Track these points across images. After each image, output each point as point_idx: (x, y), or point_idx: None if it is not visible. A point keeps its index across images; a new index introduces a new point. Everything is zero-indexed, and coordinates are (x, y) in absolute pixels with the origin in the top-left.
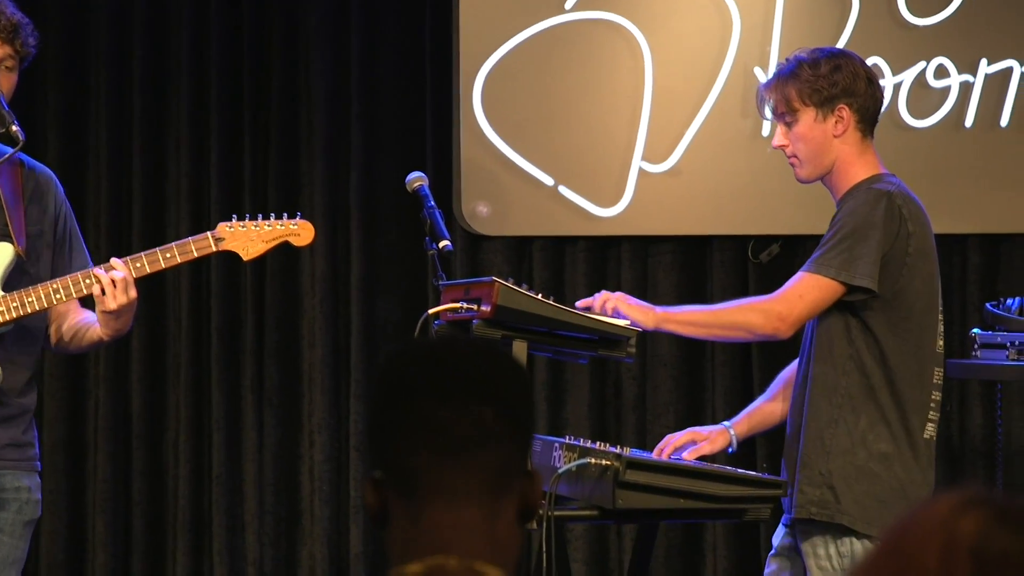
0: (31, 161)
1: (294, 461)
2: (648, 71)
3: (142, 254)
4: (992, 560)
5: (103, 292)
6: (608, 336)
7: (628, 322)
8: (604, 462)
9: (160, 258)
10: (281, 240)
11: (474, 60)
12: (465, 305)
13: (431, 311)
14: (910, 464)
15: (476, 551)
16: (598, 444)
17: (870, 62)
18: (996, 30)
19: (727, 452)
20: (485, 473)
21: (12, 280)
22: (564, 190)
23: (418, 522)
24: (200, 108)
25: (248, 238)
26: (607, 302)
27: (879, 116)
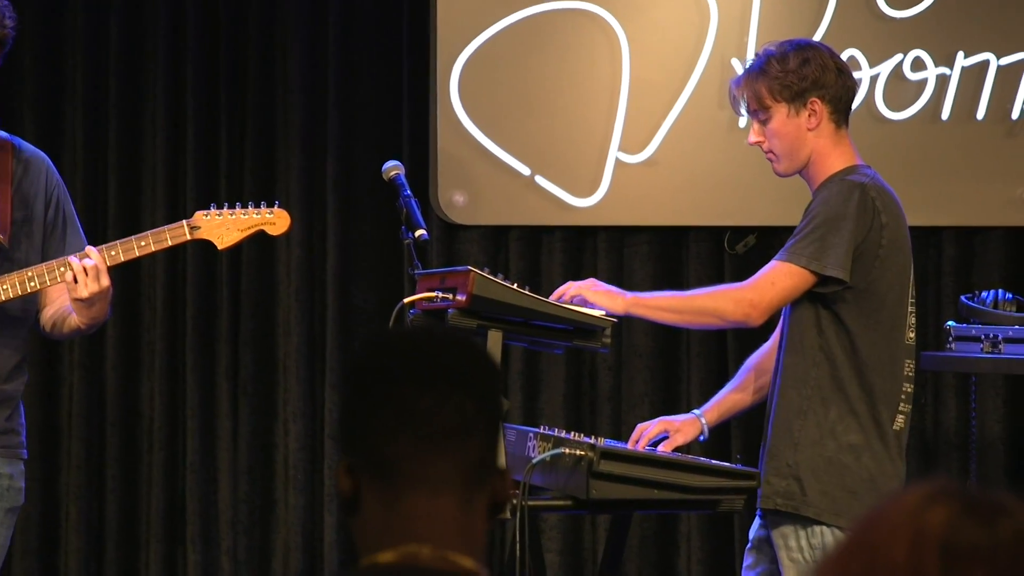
0: (22, 144)
1: (269, 449)
2: (625, 62)
3: (117, 242)
4: (960, 552)
5: (75, 280)
6: (584, 326)
7: (604, 312)
8: (578, 452)
9: (135, 246)
10: (256, 229)
11: (451, 49)
12: (440, 294)
13: (406, 300)
14: (880, 455)
15: (449, 541)
16: (572, 434)
17: (847, 54)
18: (973, 23)
19: (699, 440)
20: (463, 464)
21: None
22: (541, 180)
23: (393, 510)
24: (176, 94)
25: (224, 227)
26: (568, 290)
27: (852, 105)
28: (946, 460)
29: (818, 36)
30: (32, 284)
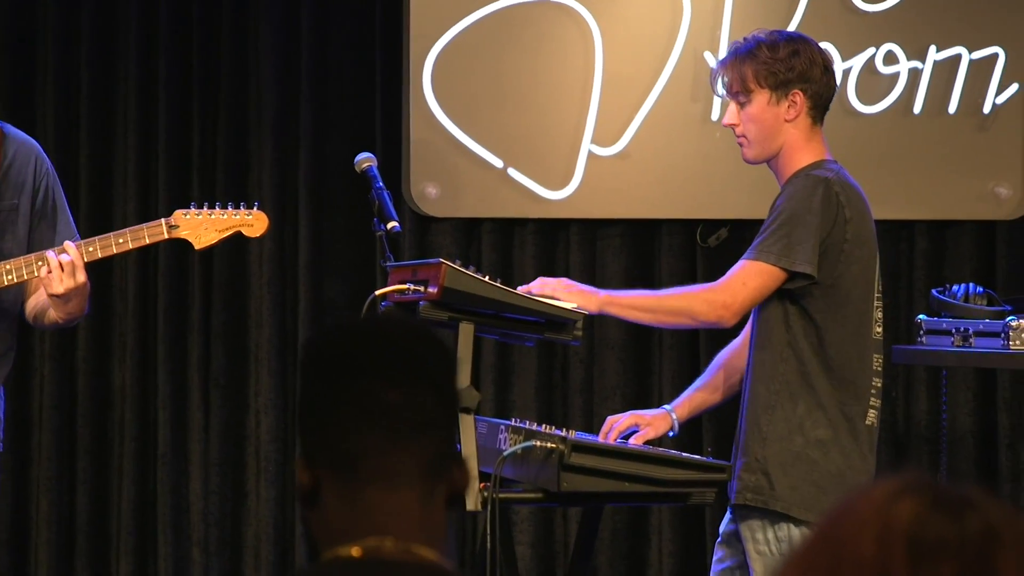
0: (12, 131)
1: (240, 441)
2: (598, 54)
3: (95, 239)
4: (928, 546)
5: (51, 274)
6: (555, 319)
7: (575, 305)
8: (549, 445)
9: (112, 243)
10: (234, 230)
11: (424, 41)
12: (412, 286)
13: (378, 292)
14: (849, 450)
15: (412, 534)
16: (544, 427)
17: None
18: (945, 17)
19: (668, 436)
20: (424, 457)
21: None
22: (513, 172)
23: (355, 504)
24: (148, 86)
25: (202, 226)
26: (543, 290)
27: (830, 104)
28: (917, 453)
29: (791, 29)
30: (9, 277)
